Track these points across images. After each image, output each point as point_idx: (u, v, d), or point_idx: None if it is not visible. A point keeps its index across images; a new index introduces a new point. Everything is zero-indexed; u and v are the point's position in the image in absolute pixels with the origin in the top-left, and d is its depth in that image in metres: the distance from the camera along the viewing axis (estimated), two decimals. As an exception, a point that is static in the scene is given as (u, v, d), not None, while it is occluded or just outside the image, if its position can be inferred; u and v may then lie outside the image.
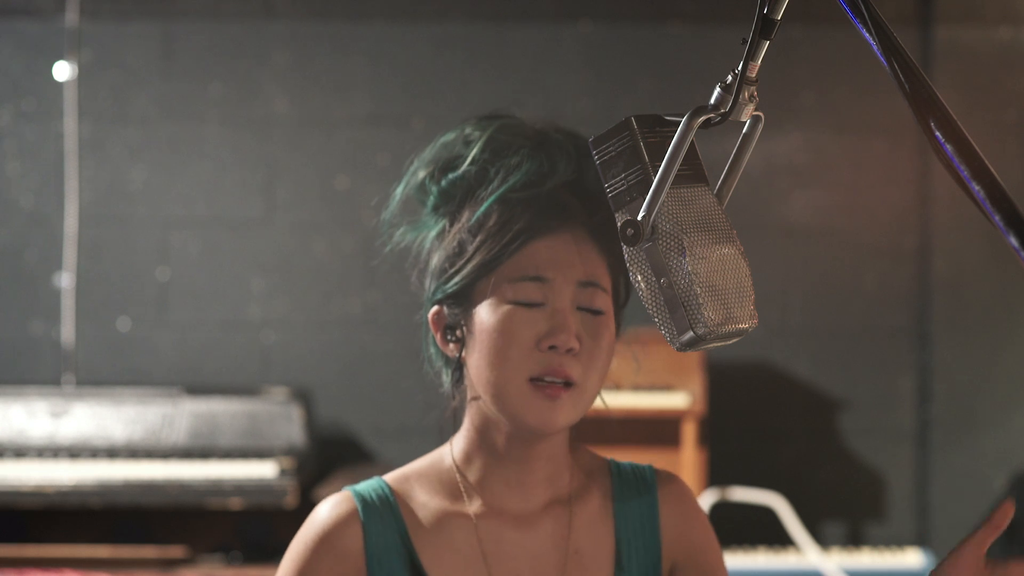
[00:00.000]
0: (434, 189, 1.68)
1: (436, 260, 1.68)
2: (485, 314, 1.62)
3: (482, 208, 1.64)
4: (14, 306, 4.69)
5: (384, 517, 1.64)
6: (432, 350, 1.71)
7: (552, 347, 1.60)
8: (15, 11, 4.71)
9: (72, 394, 4.41)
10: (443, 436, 1.76)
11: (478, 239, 1.63)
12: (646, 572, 1.70)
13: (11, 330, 4.68)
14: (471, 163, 1.65)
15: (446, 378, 1.70)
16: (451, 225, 1.67)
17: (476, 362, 1.63)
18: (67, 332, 4.67)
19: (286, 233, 4.72)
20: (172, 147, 4.72)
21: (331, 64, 4.74)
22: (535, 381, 1.60)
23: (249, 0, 4.74)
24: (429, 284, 1.69)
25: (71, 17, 4.68)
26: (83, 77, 4.69)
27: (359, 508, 1.65)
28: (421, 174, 1.69)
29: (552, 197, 1.63)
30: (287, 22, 4.74)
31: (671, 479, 1.75)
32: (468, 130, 1.69)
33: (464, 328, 1.65)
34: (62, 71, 4.69)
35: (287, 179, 4.73)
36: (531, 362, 1.60)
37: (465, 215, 1.66)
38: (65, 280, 4.67)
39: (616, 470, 1.75)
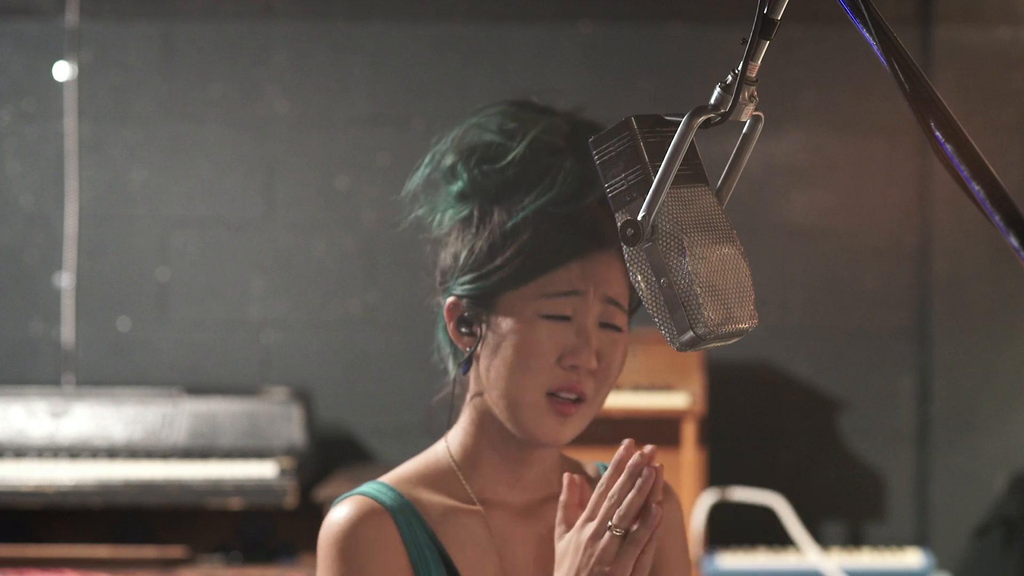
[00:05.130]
0: (465, 176, 1.67)
1: (459, 248, 1.67)
2: (511, 321, 1.64)
3: (519, 216, 1.63)
4: (14, 306, 4.69)
5: (405, 514, 1.64)
6: (442, 336, 1.71)
7: (573, 366, 1.62)
8: (15, 11, 4.71)
9: (72, 394, 4.41)
10: (432, 423, 1.77)
11: (512, 250, 1.63)
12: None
13: (11, 330, 4.69)
14: (510, 162, 1.65)
15: (452, 367, 1.71)
16: (480, 216, 1.66)
17: (494, 366, 1.64)
18: (67, 332, 4.67)
19: (286, 233, 4.72)
20: (172, 147, 4.72)
21: (331, 64, 4.74)
22: (550, 396, 1.63)
23: (249, 0, 4.74)
24: (450, 270, 1.68)
25: (71, 17, 4.68)
26: (83, 77, 4.69)
27: (384, 506, 1.63)
28: (453, 157, 1.69)
29: (588, 216, 1.64)
30: (287, 22, 4.74)
31: (667, 492, 1.75)
32: (505, 121, 1.68)
33: (483, 327, 1.66)
34: (62, 71, 4.69)
35: (287, 179, 4.73)
36: (550, 377, 1.63)
37: (496, 214, 1.65)
38: (65, 280, 4.67)
39: (599, 474, 1.77)
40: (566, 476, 1.55)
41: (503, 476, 1.68)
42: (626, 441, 1.54)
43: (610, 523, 1.50)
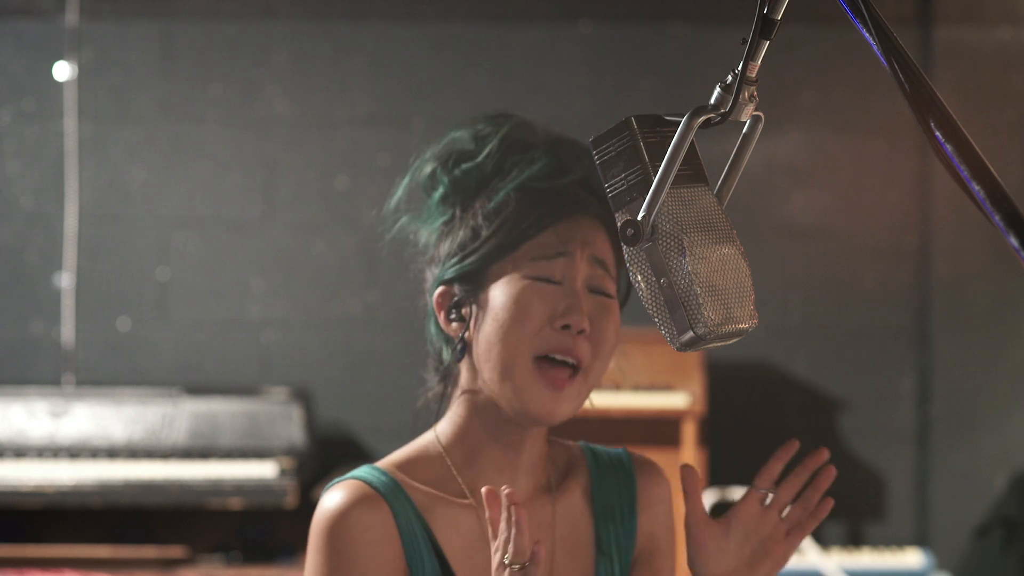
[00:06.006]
0: (445, 179, 1.70)
1: (445, 246, 1.70)
2: (500, 289, 1.65)
3: (500, 195, 1.67)
4: (14, 306, 4.69)
5: (399, 499, 1.64)
6: (433, 330, 1.72)
7: (565, 327, 1.63)
8: (15, 11, 4.71)
9: (72, 394, 4.41)
10: (417, 420, 1.77)
11: (496, 223, 1.66)
12: (623, 556, 1.74)
13: (11, 330, 4.68)
14: (487, 156, 1.68)
15: (445, 356, 1.71)
16: (463, 212, 1.69)
17: (486, 337, 1.65)
18: (67, 332, 4.66)
19: (286, 233, 4.72)
20: (172, 147, 4.72)
21: (331, 64, 4.74)
22: (541, 360, 1.63)
23: (249, 0, 4.74)
24: (438, 267, 1.70)
25: (71, 17, 4.68)
26: (83, 77, 4.69)
27: (377, 490, 1.63)
28: (431, 165, 1.72)
29: (567, 191, 1.67)
30: (287, 22, 4.74)
31: (649, 467, 1.79)
32: (480, 127, 1.72)
33: (473, 307, 1.67)
34: (62, 71, 4.69)
35: (287, 179, 4.73)
36: (541, 338, 1.63)
37: (479, 203, 1.68)
38: (65, 280, 4.67)
39: (591, 455, 1.79)
40: (484, 490, 1.51)
41: (495, 464, 1.68)
42: (505, 488, 1.49)
43: (506, 559, 1.47)
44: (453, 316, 1.69)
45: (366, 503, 1.62)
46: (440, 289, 1.69)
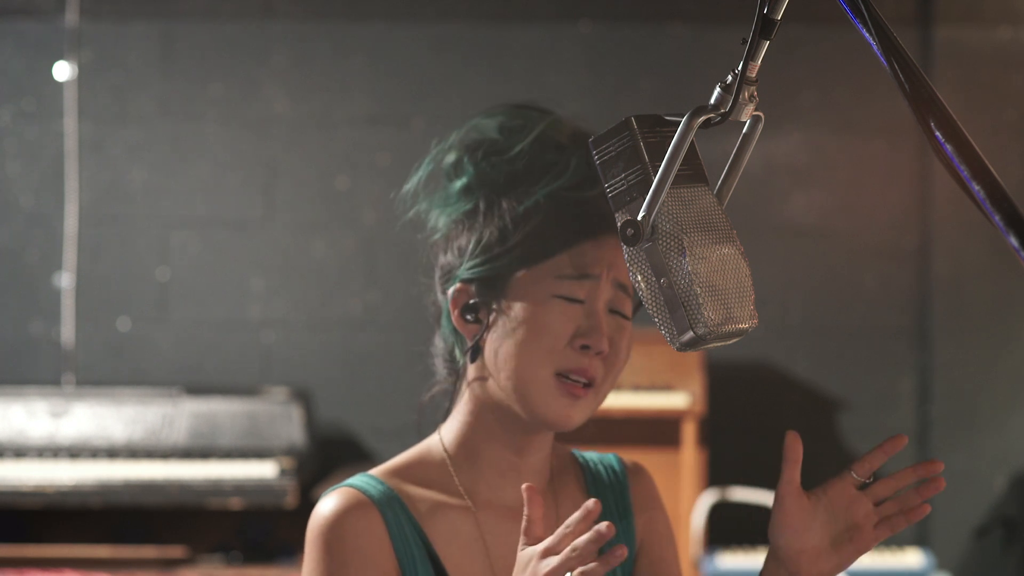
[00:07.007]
0: (471, 169, 1.68)
1: (465, 239, 1.67)
2: (523, 303, 1.64)
3: (531, 200, 1.64)
4: (14, 306, 4.69)
5: (393, 508, 1.63)
6: (445, 324, 1.71)
7: (584, 347, 1.62)
8: (15, 11, 4.71)
9: (72, 394, 4.41)
10: (422, 420, 1.76)
11: (524, 231, 1.64)
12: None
13: (11, 330, 4.68)
14: (519, 153, 1.67)
15: (458, 355, 1.70)
16: (487, 207, 1.66)
17: (503, 348, 1.64)
18: (67, 332, 4.66)
19: (286, 233, 4.72)
20: (172, 147, 4.73)
21: (331, 64, 4.74)
22: (560, 377, 1.62)
23: (249, 0, 4.74)
24: (456, 260, 1.68)
25: (71, 17, 4.68)
26: (83, 77, 4.69)
27: (372, 500, 1.63)
28: (457, 153, 1.69)
29: (597, 205, 1.64)
30: (287, 22, 4.74)
31: (640, 470, 1.80)
32: (507, 118, 1.70)
33: (492, 312, 1.65)
34: (62, 71, 4.69)
35: (287, 179, 4.73)
36: (561, 357, 1.62)
37: (505, 203, 1.65)
38: (65, 280, 4.67)
39: (583, 459, 1.79)
40: (525, 489, 1.48)
41: (498, 467, 1.68)
42: (592, 501, 1.45)
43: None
44: (469, 318, 1.67)
45: (358, 510, 1.62)
46: (458, 286, 1.67)
